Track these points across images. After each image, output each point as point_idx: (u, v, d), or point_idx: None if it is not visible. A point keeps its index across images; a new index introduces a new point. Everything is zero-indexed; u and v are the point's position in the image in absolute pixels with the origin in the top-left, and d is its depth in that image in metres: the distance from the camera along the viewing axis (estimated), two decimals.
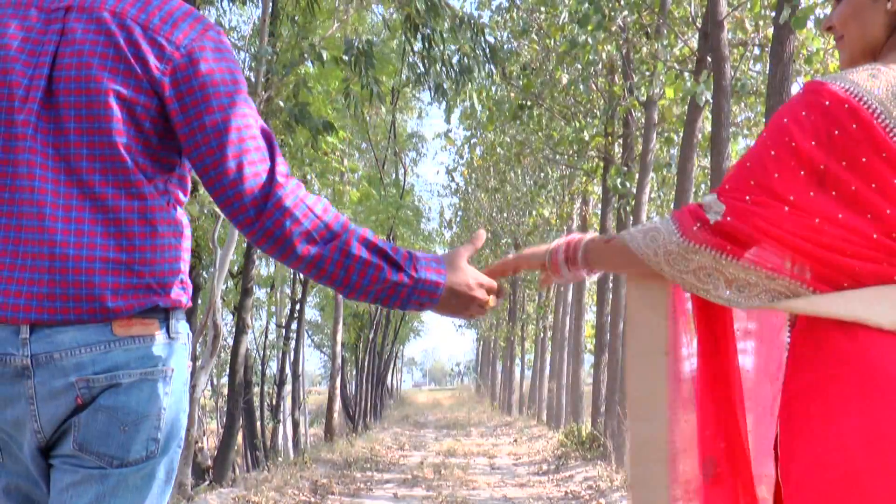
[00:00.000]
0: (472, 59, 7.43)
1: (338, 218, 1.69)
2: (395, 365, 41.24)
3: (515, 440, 16.97)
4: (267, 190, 1.62)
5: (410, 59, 7.46)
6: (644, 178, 11.59)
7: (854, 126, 1.60)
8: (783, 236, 1.63)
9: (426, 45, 7.30)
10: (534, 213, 21.90)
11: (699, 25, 9.76)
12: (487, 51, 7.47)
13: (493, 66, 7.80)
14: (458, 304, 1.82)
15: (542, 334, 30.13)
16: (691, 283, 1.71)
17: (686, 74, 10.14)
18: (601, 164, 13.93)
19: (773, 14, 8.48)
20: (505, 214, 26.10)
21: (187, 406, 1.71)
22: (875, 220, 1.60)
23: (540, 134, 14.09)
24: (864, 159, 1.60)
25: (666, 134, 12.85)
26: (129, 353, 1.60)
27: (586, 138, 13.32)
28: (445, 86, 7.78)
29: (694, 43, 10.75)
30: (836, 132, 1.61)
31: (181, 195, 1.71)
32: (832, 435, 1.58)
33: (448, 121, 14.30)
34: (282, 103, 9.44)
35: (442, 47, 7.38)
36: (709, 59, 9.10)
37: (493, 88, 14.29)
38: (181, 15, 1.64)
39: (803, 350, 1.69)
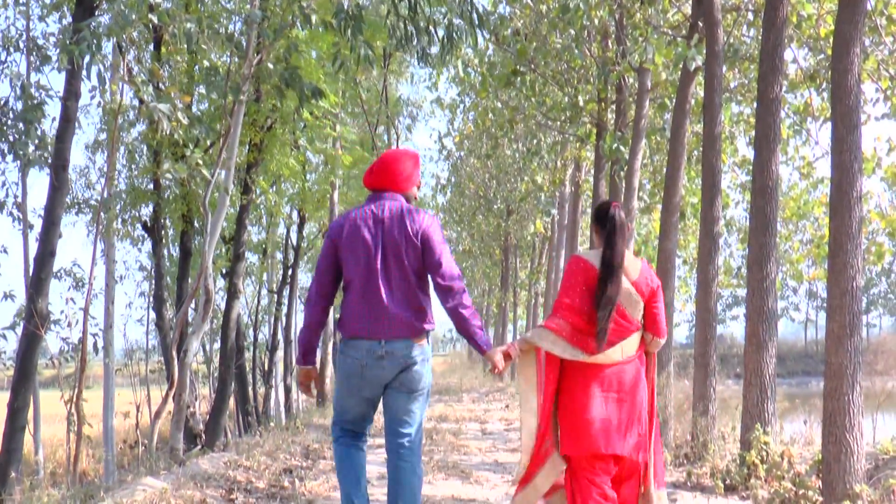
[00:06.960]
0: (458, 27, 7.31)
1: (471, 301, 4.46)
2: None
3: (507, 406, 17.07)
4: (459, 283, 4.31)
5: (396, 23, 7.33)
6: (637, 144, 11.56)
7: (585, 271, 4.45)
8: (572, 320, 4.46)
9: (412, 8, 7.20)
10: (526, 178, 21.86)
11: None
12: (475, 17, 7.35)
13: (482, 33, 7.68)
14: (491, 356, 4.35)
15: (533, 300, 30.22)
16: (549, 347, 4.45)
17: (679, 40, 10.07)
18: (594, 130, 13.88)
19: None
20: (497, 181, 26.05)
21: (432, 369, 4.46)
22: (585, 307, 4.44)
23: (533, 100, 14.00)
24: (584, 286, 4.43)
25: (659, 100, 12.79)
26: (418, 352, 4.28)
27: (580, 104, 13.25)
28: (435, 50, 7.69)
29: (688, 8, 10.66)
30: (582, 273, 4.44)
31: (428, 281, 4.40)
32: (564, 399, 4.54)
33: (436, 88, 14.20)
34: (272, 66, 9.34)
35: (429, 10, 7.27)
36: (701, 24, 9.04)
37: (488, 53, 14.19)
38: (420, 213, 4.31)
39: (569, 370, 4.54)
